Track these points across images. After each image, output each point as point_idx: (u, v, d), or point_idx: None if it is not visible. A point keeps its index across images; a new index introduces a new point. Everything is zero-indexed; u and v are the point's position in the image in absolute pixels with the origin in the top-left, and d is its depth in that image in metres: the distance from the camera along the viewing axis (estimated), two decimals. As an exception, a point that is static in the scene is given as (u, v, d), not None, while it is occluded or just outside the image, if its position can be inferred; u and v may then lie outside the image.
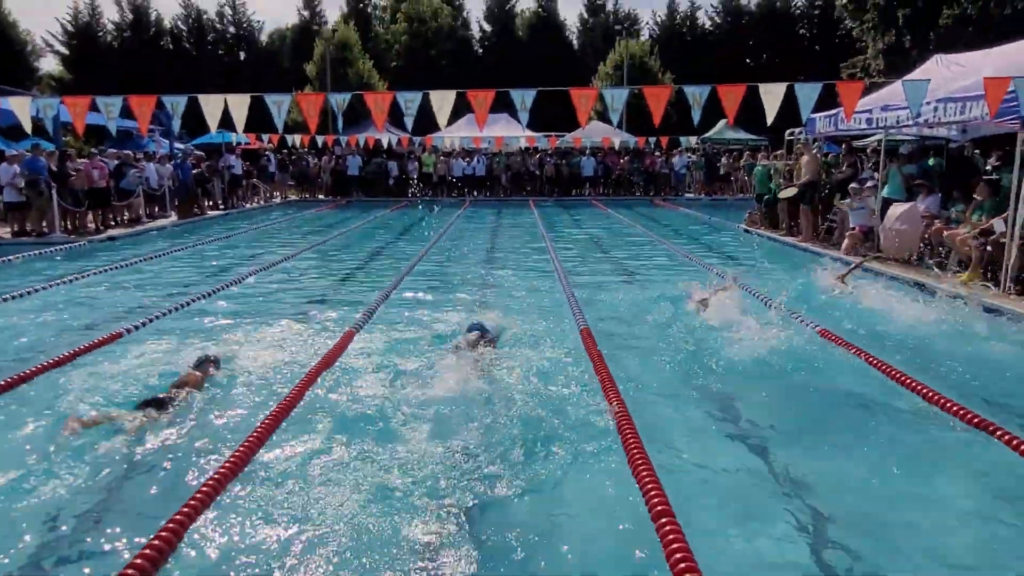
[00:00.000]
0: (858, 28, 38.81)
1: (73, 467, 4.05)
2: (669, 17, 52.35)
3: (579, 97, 10.12)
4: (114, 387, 5.31)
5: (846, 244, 11.64)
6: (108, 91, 13.84)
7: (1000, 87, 8.24)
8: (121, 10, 49.49)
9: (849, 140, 16.08)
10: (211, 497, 3.59)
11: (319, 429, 4.61)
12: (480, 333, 6.11)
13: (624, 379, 5.39)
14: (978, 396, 5.16)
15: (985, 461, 4.25)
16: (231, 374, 5.63)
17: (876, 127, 11.85)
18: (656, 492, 3.50)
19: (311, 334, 6.92)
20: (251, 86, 40.86)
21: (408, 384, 5.33)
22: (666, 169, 27.79)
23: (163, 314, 7.59)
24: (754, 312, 7.16)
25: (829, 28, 47.95)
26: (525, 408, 4.86)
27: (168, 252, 12.81)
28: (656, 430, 4.55)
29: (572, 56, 51.00)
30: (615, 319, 7.59)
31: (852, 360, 5.99)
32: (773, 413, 5.06)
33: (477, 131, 25.71)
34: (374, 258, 13.10)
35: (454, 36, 50.10)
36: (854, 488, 3.99)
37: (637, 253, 13.17)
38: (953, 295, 7.89)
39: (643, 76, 38.83)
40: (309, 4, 52.31)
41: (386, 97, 10.37)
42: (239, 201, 23.24)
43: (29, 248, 12.53)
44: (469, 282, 9.97)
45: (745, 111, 10.88)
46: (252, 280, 10.02)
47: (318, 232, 16.68)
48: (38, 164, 13.98)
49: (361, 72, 40.29)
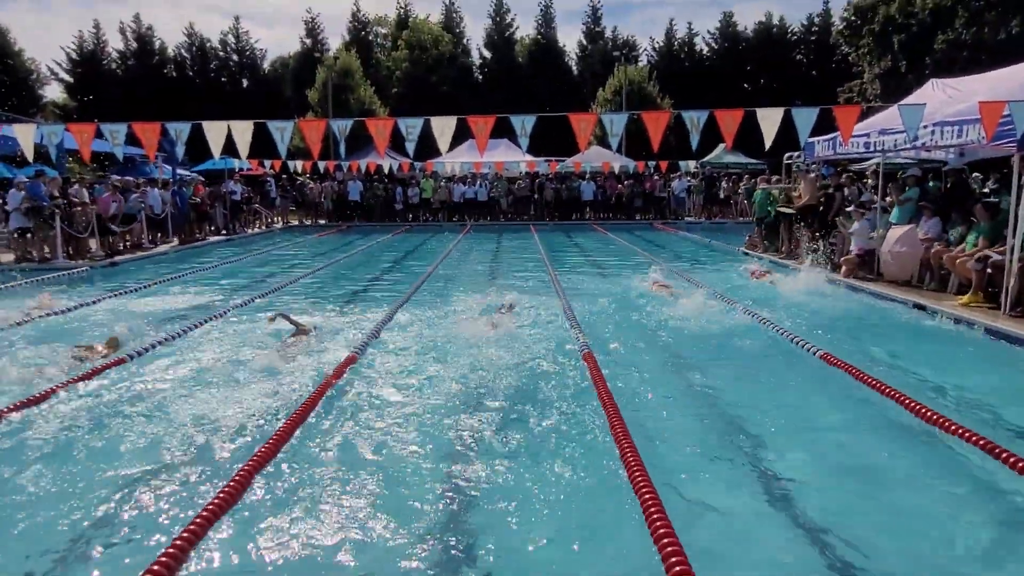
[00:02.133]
0: (854, 53, 39.23)
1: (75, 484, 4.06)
2: (667, 43, 52.94)
3: (579, 122, 10.21)
4: (116, 411, 5.31)
5: (844, 269, 11.66)
6: (111, 118, 13.99)
7: (996, 111, 8.31)
8: (125, 39, 50.16)
9: (845, 164, 16.18)
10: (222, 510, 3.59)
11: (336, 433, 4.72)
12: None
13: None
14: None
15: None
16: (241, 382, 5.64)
17: (874, 151, 11.93)
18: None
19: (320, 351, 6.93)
20: (253, 112, 41.20)
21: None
22: (665, 193, 27.93)
23: (168, 338, 7.59)
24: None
25: (826, 53, 48.47)
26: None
27: (171, 277, 12.84)
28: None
29: (571, 82, 51.50)
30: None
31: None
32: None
33: (478, 156, 25.88)
34: (386, 274, 13.61)
35: (455, 63, 50.64)
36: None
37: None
38: (954, 317, 7.93)
39: (642, 101, 39.17)
40: (311, 32, 53.03)
41: (387, 123, 10.46)
42: (241, 227, 23.34)
43: (33, 274, 12.57)
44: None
45: (743, 135, 10.96)
46: (253, 304, 10.04)
47: (319, 257, 16.74)
48: (40, 190, 14.08)
49: (363, 98, 40.68)
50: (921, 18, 33.70)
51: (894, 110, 10.57)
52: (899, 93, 23.56)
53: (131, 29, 50.14)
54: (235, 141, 10.03)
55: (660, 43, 53.34)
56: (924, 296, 9.56)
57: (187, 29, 51.33)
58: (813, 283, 11.07)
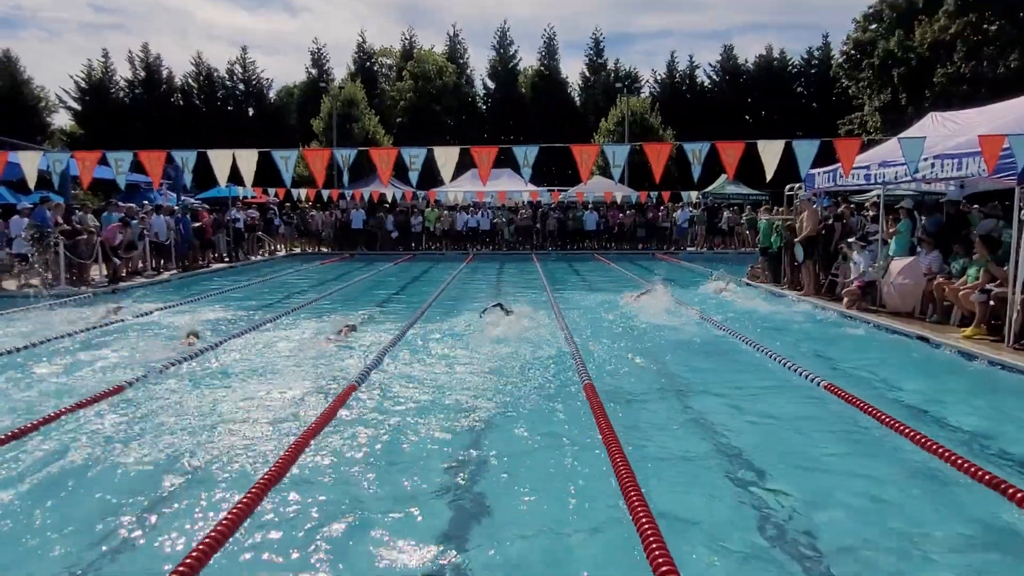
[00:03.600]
0: (854, 86, 39.58)
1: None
2: (669, 75, 53.53)
3: (581, 153, 10.25)
4: (118, 436, 5.29)
5: (845, 300, 11.64)
6: (118, 145, 14.08)
7: (996, 144, 8.35)
8: (134, 68, 50.77)
9: (845, 195, 16.22)
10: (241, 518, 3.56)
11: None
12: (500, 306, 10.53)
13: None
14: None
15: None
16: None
17: (875, 182, 11.98)
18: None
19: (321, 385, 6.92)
20: (259, 140, 41.66)
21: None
22: (668, 223, 28.02)
23: (171, 364, 7.58)
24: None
25: (826, 86, 48.88)
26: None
27: (178, 303, 12.85)
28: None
29: (574, 113, 51.97)
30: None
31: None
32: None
33: (481, 185, 26.03)
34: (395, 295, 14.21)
35: (458, 93, 51.16)
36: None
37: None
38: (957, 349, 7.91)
39: (644, 132, 39.47)
40: (317, 62, 53.71)
41: (391, 153, 10.52)
42: (244, 254, 23.41)
43: (35, 300, 12.57)
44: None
45: (745, 166, 11.01)
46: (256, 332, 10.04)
47: (324, 285, 16.76)
48: (45, 216, 14.16)
49: (367, 128, 41.04)
50: (920, 52, 34.09)
51: (894, 142, 10.62)
52: (899, 125, 23.74)
53: (139, 58, 50.82)
54: (239, 169, 10.08)
55: (662, 75, 53.99)
56: (927, 328, 9.53)
57: (195, 58, 52.03)
58: (813, 312, 11.07)
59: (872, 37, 37.47)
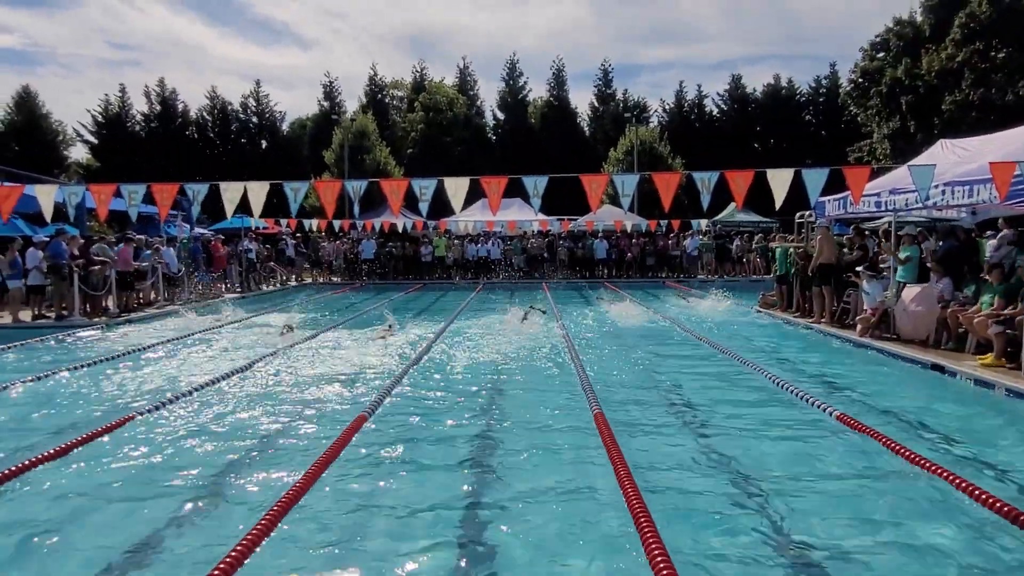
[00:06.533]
0: (863, 114, 39.68)
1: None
2: (677, 105, 53.90)
3: (590, 183, 10.31)
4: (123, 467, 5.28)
5: (859, 328, 11.54)
6: (134, 177, 14.33)
7: (1007, 171, 8.34)
8: (150, 102, 51.74)
9: (858, 222, 16.15)
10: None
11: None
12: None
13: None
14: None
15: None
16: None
17: (885, 209, 11.95)
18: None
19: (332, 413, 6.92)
20: (272, 172, 42.05)
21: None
22: (678, 251, 28.01)
23: (181, 395, 7.59)
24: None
25: (834, 114, 49.08)
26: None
27: (189, 335, 12.90)
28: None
29: (583, 142, 52.33)
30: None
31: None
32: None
33: (491, 215, 26.11)
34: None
35: (469, 124, 51.68)
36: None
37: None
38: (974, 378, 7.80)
39: (653, 161, 39.62)
40: (329, 95, 54.51)
41: (402, 184, 10.61)
42: (256, 284, 23.54)
43: (49, 331, 12.66)
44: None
45: (754, 193, 11.02)
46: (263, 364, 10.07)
47: (336, 313, 16.80)
48: (60, 248, 14.31)
49: (378, 159, 41.45)
50: (928, 80, 34.19)
51: (904, 169, 10.62)
52: (908, 152, 23.72)
53: (155, 92, 51.81)
54: (249, 201, 10.20)
55: (670, 104, 54.38)
56: (942, 356, 9.42)
57: (209, 92, 52.99)
58: (826, 340, 10.98)
59: (880, 65, 37.66)
